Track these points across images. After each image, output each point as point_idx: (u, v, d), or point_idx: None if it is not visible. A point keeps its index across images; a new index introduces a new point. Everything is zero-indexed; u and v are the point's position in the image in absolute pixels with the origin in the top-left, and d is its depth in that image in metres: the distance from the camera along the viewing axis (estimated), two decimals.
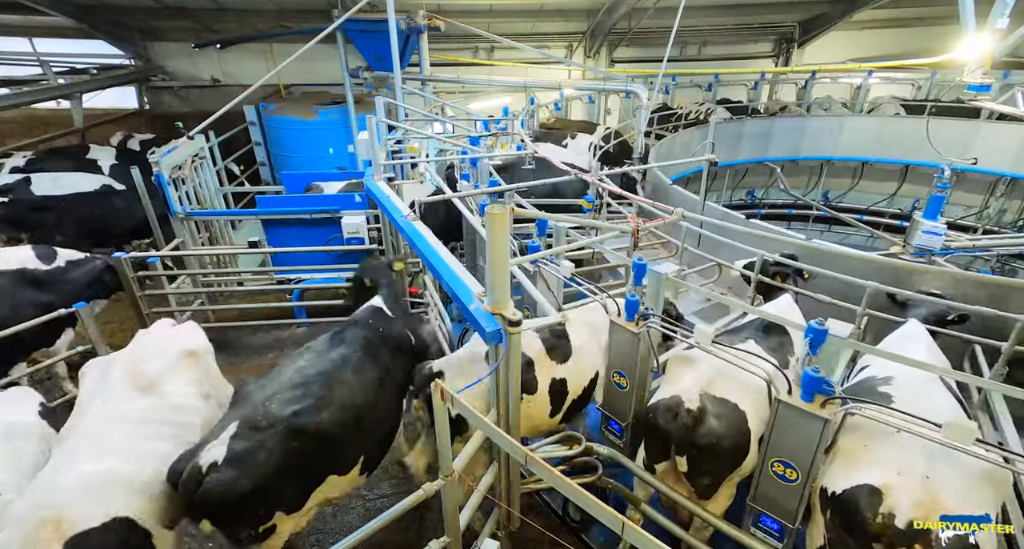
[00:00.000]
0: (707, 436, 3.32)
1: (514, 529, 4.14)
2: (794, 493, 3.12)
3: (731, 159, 12.61)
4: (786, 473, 3.11)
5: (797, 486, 3.09)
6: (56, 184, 8.59)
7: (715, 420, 3.36)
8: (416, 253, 5.23)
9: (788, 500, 3.18)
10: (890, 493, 2.74)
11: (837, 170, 13.43)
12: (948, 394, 3.31)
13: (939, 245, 6.45)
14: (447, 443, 3.16)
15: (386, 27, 9.45)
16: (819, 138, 13.02)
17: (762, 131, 12.92)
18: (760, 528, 3.37)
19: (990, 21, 6.93)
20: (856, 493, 2.82)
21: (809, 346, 3.01)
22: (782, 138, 13.00)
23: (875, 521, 2.71)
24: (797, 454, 3.03)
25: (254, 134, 13.56)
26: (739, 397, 3.44)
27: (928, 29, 17.78)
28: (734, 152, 12.67)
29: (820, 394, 2.87)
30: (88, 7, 12.35)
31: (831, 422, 2.85)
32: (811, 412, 2.88)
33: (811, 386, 2.87)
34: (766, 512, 3.30)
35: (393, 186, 6.56)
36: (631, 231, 5.01)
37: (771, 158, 12.79)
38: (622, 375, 3.94)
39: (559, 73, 16.31)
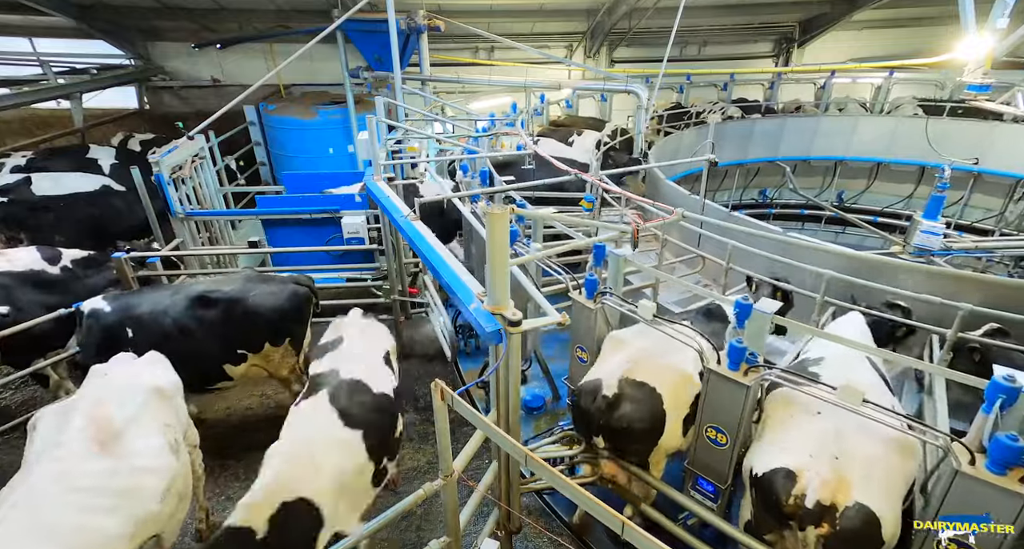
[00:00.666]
0: (620, 420, 3.64)
1: (514, 529, 4.14)
2: (724, 456, 3.46)
3: (741, 158, 12.58)
4: (717, 438, 3.44)
5: (726, 449, 3.43)
6: (56, 184, 8.60)
7: (629, 405, 3.66)
8: (416, 253, 5.23)
9: (720, 463, 3.51)
10: (803, 475, 2.93)
11: (852, 171, 13.20)
12: (874, 373, 3.55)
13: (938, 245, 6.45)
14: (447, 443, 3.16)
15: (386, 27, 9.45)
16: (832, 138, 12.82)
17: (773, 130, 12.84)
18: (697, 490, 3.70)
19: (990, 21, 6.94)
20: (773, 476, 3.01)
21: (736, 319, 3.36)
22: (793, 138, 12.88)
23: (788, 502, 2.92)
24: (726, 419, 3.35)
25: (254, 134, 13.56)
26: (659, 380, 3.69)
27: (928, 29, 17.78)
28: (744, 151, 12.63)
29: (745, 363, 3.17)
30: (88, 7, 12.34)
31: (752, 388, 3.15)
32: (735, 379, 3.19)
33: (736, 356, 3.17)
34: (702, 475, 3.67)
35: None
36: (631, 231, 5.00)
37: (782, 157, 12.71)
38: (583, 350, 4.29)
39: (559, 73, 16.31)
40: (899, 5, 16.18)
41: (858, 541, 2.79)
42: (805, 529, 2.92)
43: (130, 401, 3.68)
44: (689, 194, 7.65)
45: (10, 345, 5.34)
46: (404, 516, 4.86)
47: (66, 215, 8.45)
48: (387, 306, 7.87)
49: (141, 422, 3.61)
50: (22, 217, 8.20)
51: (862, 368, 3.56)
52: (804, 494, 2.87)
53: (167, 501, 3.47)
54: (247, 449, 5.82)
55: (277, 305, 5.40)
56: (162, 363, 4.33)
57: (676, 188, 8.10)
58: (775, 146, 12.85)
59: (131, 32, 14.04)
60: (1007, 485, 2.37)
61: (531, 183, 6.85)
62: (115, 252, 6.46)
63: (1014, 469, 2.40)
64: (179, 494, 3.66)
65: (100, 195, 8.87)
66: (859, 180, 13.22)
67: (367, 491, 3.80)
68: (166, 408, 3.90)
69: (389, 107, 9.12)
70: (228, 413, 6.38)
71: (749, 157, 12.80)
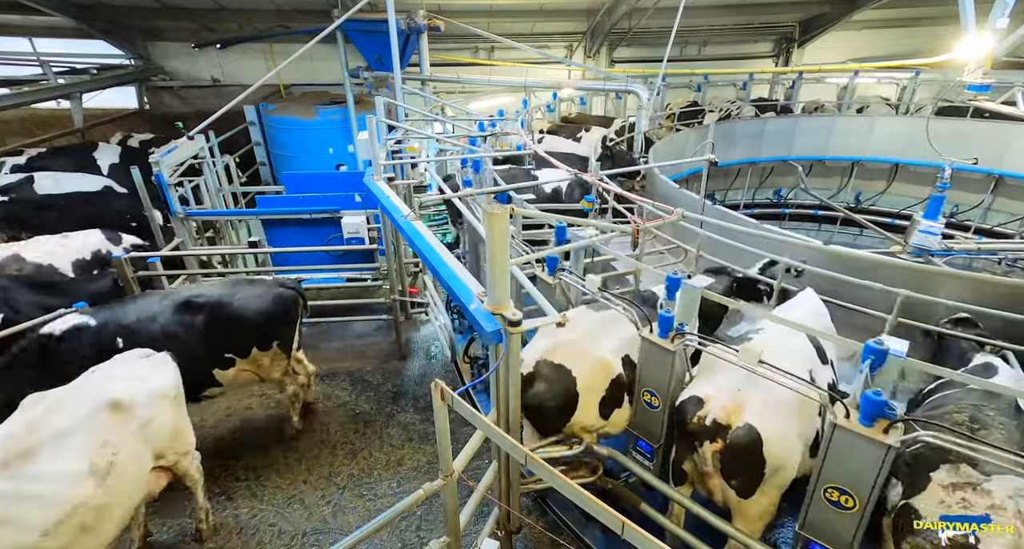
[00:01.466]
0: (533, 398, 3.85)
1: (514, 529, 4.14)
2: (657, 418, 3.82)
3: (755, 156, 12.52)
4: (652, 401, 3.84)
5: (659, 411, 3.77)
6: (59, 183, 8.60)
7: (542, 384, 3.87)
8: (416, 253, 5.23)
9: (654, 425, 3.86)
10: (709, 401, 3.44)
11: (869, 172, 12.82)
12: (808, 345, 3.88)
13: (936, 245, 6.45)
14: (447, 443, 3.16)
15: (386, 27, 9.45)
16: (847, 138, 12.56)
17: (786, 129, 12.73)
18: (637, 450, 4.07)
19: (990, 21, 6.94)
20: (686, 402, 3.55)
21: (667, 292, 3.73)
22: (808, 137, 12.71)
23: (692, 421, 3.44)
24: (658, 383, 3.74)
25: (254, 134, 13.57)
26: (574, 362, 3.92)
27: (928, 29, 17.79)
28: (757, 150, 12.56)
29: (674, 331, 3.55)
30: (88, 7, 12.35)
31: (677, 353, 3.53)
32: (663, 346, 3.54)
33: (666, 325, 3.50)
34: (641, 437, 3.98)
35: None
36: (631, 232, 5.01)
37: (795, 157, 12.57)
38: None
39: (559, 73, 16.31)
40: (899, 5, 16.19)
41: (743, 454, 3.24)
42: (703, 445, 3.43)
43: (71, 415, 3.47)
44: (689, 193, 7.64)
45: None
46: (404, 516, 4.88)
47: (68, 213, 8.44)
48: (387, 306, 7.88)
49: (67, 441, 3.36)
50: (24, 215, 8.18)
51: (798, 340, 3.87)
52: (707, 415, 3.39)
53: (57, 535, 3.18)
54: (247, 449, 5.83)
55: (263, 308, 5.30)
56: (163, 365, 4.24)
57: (676, 188, 8.10)
58: (788, 145, 12.72)
59: (131, 32, 14.06)
60: (872, 435, 2.71)
61: (531, 183, 6.86)
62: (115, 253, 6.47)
63: (879, 421, 2.71)
64: (83, 527, 3.32)
65: (104, 194, 8.88)
66: (877, 182, 12.81)
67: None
68: (116, 424, 3.64)
69: (389, 107, 9.12)
70: (228, 413, 6.38)
71: (763, 156, 12.69)
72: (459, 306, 3.83)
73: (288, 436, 5.97)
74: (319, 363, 7.21)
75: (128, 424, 3.73)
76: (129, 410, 3.76)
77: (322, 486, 5.34)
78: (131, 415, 3.77)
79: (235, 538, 4.79)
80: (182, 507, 5.06)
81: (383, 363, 7.41)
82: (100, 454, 3.47)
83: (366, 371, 7.21)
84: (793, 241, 5.38)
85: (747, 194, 13.20)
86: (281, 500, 5.18)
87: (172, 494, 5.20)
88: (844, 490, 2.89)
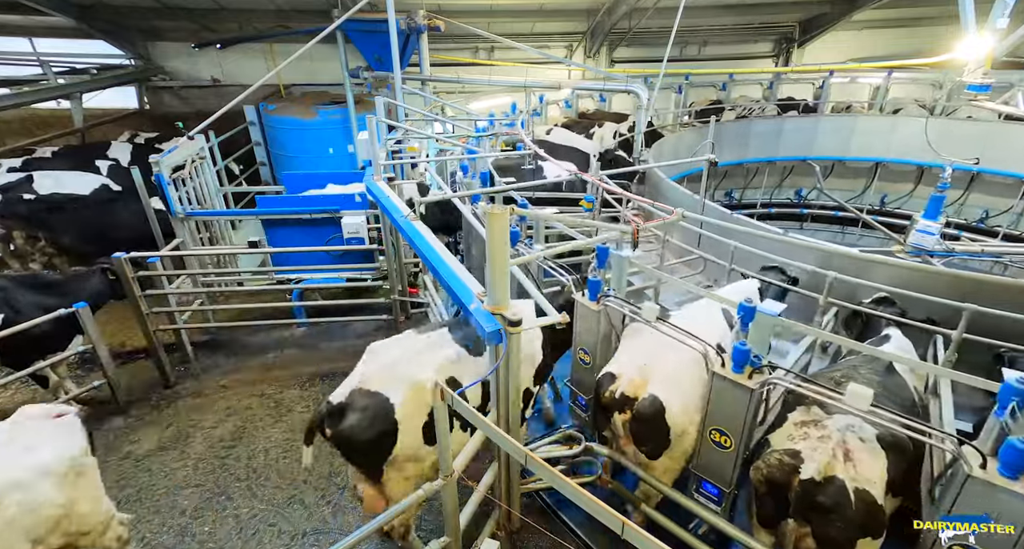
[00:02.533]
0: (344, 431, 3.66)
1: (514, 529, 4.14)
2: (589, 373, 4.16)
3: (771, 155, 12.55)
4: (584, 359, 4.23)
5: (591, 367, 4.11)
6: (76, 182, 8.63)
7: (354, 415, 3.65)
8: (416, 253, 5.23)
9: (588, 378, 4.18)
10: (621, 376, 3.81)
11: (894, 174, 12.54)
12: (723, 321, 4.32)
13: (931, 244, 6.47)
14: (447, 443, 3.17)
15: (386, 27, 9.44)
16: (869, 138, 12.37)
17: (807, 128, 12.68)
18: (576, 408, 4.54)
19: (990, 21, 6.94)
20: (602, 378, 3.90)
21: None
22: (828, 137, 12.62)
23: (606, 395, 3.81)
24: (589, 343, 4.13)
25: (254, 134, 13.55)
26: (391, 388, 3.73)
27: (928, 29, 17.79)
28: (775, 149, 12.57)
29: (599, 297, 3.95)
30: (88, 7, 12.34)
31: (603, 312, 3.97)
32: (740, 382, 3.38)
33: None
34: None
35: None
36: (631, 231, 4.99)
37: (815, 156, 12.53)
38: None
39: (559, 73, 16.31)
40: (899, 5, 16.18)
41: (648, 422, 3.63)
42: (613, 416, 3.83)
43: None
44: (689, 193, 7.65)
45: (10, 345, 5.35)
46: None
47: (82, 214, 8.44)
48: (387, 306, 7.88)
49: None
50: (40, 216, 8.16)
51: (715, 317, 4.35)
52: (617, 389, 3.76)
53: None
54: (247, 449, 5.83)
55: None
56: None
57: (676, 187, 8.11)
58: (808, 145, 12.66)
59: (131, 32, 14.05)
60: (739, 380, 2.94)
61: (531, 183, 6.86)
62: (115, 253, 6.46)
63: (747, 368, 2.97)
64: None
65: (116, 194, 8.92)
66: (903, 184, 12.47)
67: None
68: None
69: (389, 107, 9.12)
70: (228, 413, 6.38)
71: (780, 155, 12.69)
72: (459, 305, 3.82)
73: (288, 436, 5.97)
74: (319, 363, 7.22)
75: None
76: None
77: (322, 486, 5.34)
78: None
79: (235, 538, 4.79)
80: (182, 508, 5.07)
81: None
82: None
83: None
84: (791, 241, 5.39)
85: (765, 194, 13.22)
86: (281, 500, 5.17)
87: (172, 495, 5.22)
88: (723, 431, 3.34)
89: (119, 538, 3.81)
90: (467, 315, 3.58)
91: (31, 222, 8.08)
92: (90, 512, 3.50)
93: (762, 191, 13.19)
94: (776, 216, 13.00)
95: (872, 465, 2.96)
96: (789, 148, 12.73)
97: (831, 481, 2.90)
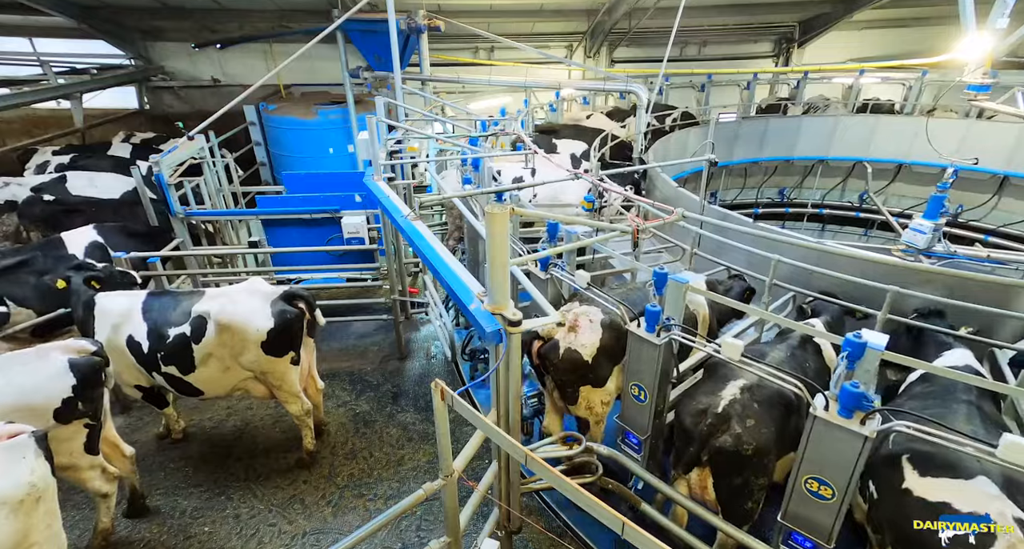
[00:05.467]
0: None
1: (514, 529, 4.14)
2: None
3: (788, 154, 12.68)
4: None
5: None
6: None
7: None
8: (416, 253, 5.23)
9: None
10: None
11: (917, 176, 12.28)
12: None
13: (923, 243, 6.47)
14: (447, 443, 3.16)
15: (386, 27, 9.44)
16: (892, 139, 12.24)
17: (826, 129, 12.75)
18: None
19: (990, 21, 6.93)
20: (549, 344, 4.27)
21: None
22: (849, 137, 12.65)
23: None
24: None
25: (254, 134, 13.56)
26: None
27: (928, 29, 17.79)
28: (790, 148, 12.69)
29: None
30: (88, 7, 12.35)
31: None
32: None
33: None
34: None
35: None
36: (631, 231, 5.00)
37: (834, 157, 12.68)
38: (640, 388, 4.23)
39: (559, 73, 16.31)
40: (899, 5, 16.18)
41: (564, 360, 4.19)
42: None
43: None
44: (688, 194, 7.65)
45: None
46: (404, 516, 4.88)
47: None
48: (387, 306, 7.88)
49: None
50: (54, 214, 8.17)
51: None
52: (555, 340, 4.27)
53: None
54: (247, 448, 5.83)
55: None
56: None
57: (675, 187, 8.11)
58: (826, 145, 12.77)
59: (131, 32, 14.05)
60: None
61: (531, 183, 6.85)
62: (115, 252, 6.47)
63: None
64: None
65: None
66: (926, 187, 11.93)
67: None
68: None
69: (389, 107, 9.11)
70: (228, 412, 6.38)
71: (796, 155, 12.81)
72: (458, 305, 3.83)
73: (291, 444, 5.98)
74: (319, 363, 7.21)
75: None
76: None
77: (322, 486, 5.35)
78: None
79: (235, 538, 4.80)
80: (182, 508, 5.07)
81: (383, 363, 7.41)
82: None
83: (366, 371, 7.22)
84: (789, 240, 5.39)
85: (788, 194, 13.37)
86: (281, 500, 5.18)
87: (172, 495, 5.22)
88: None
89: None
90: (467, 315, 3.58)
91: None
92: (48, 541, 3.24)
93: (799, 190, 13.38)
94: (790, 217, 13.50)
95: (589, 335, 4.14)
96: (806, 147, 12.91)
97: (550, 341, 4.24)
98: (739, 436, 3.37)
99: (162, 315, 4.92)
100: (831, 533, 3.06)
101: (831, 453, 2.89)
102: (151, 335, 4.85)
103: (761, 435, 3.38)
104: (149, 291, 5.22)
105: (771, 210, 13.61)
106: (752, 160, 13.15)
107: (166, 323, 4.88)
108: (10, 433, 3.19)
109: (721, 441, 3.41)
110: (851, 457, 2.81)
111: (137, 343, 4.86)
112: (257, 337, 4.86)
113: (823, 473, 2.96)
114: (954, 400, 3.48)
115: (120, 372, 4.95)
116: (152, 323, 4.88)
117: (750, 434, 3.37)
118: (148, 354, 4.86)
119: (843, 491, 2.92)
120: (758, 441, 3.36)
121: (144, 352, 4.87)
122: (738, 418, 3.42)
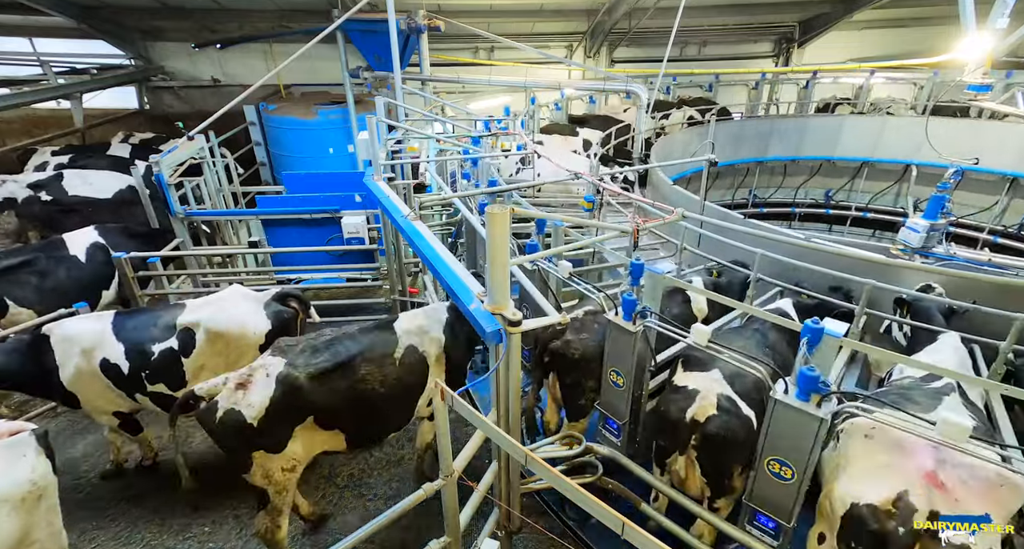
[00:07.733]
0: None
1: (514, 529, 4.14)
2: (620, 397, 4.14)
3: (794, 154, 12.79)
4: (617, 381, 4.10)
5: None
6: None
7: None
8: (416, 253, 5.23)
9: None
10: None
11: (929, 177, 11.93)
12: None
13: (916, 242, 6.48)
14: (447, 443, 3.16)
15: (386, 27, 9.44)
16: (898, 139, 12.20)
17: (832, 128, 12.81)
18: None
19: (990, 21, 6.93)
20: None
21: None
22: (854, 137, 12.70)
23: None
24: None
25: (254, 134, 13.56)
26: None
27: (928, 29, 17.79)
28: (797, 148, 12.77)
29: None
30: (88, 7, 12.35)
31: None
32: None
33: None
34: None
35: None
36: (631, 231, 5.00)
37: (839, 157, 12.73)
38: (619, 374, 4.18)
39: (559, 73, 16.31)
40: (899, 5, 16.19)
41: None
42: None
43: None
44: (688, 193, 7.65)
45: None
46: (404, 516, 4.87)
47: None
48: (387, 306, 7.87)
49: None
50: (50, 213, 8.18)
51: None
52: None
53: None
54: None
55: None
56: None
57: (673, 186, 8.11)
58: (832, 145, 12.86)
59: (131, 32, 14.06)
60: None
61: (531, 183, 6.86)
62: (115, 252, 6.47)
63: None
64: None
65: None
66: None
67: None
68: None
69: (389, 107, 9.12)
70: None
71: (803, 154, 12.91)
72: (458, 305, 3.82)
73: None
74: None
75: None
76: None
77: (322, 486, 5.34)
78: None
79: (235, 538, 4.79)
80: (182, 508, 5.07)
81: None
82: None
83: None
84: (786, 240, 5.39)
85: (785, 193, 13.46)
86: None
87: (170, 495, 5.21)
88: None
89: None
90: (467, 315, 3.58)
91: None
92: (49, 539, 3.22)
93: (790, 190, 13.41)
94: (805, 217, 13.59)
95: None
96: (813, 148, 12.99)
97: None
98: (569, 342, 4.24)
99: (140, 332, 4.66)
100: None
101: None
102: (130, 354, 4.57)
103: (586, 343, 4.17)
104: (116, 311, 4.95)
105: (811, 211, 13.47)
106: (790, 158, 13.16)
107: (148, 339, 4.64)
108: (11, 431, 3.18)
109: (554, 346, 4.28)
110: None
111: (114, 365, 4.55)
112: (255, 340, 4.81)
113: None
114: (920, 392, 3.61)
115: (93, 400, 4.66)
116: (129, 342, 4.61)
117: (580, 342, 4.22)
118: (130, 375, 4.58)
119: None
120: (584, 348, 4.16)
121: (124, 374, 4.58)
122: (574, 331, 4.24)
